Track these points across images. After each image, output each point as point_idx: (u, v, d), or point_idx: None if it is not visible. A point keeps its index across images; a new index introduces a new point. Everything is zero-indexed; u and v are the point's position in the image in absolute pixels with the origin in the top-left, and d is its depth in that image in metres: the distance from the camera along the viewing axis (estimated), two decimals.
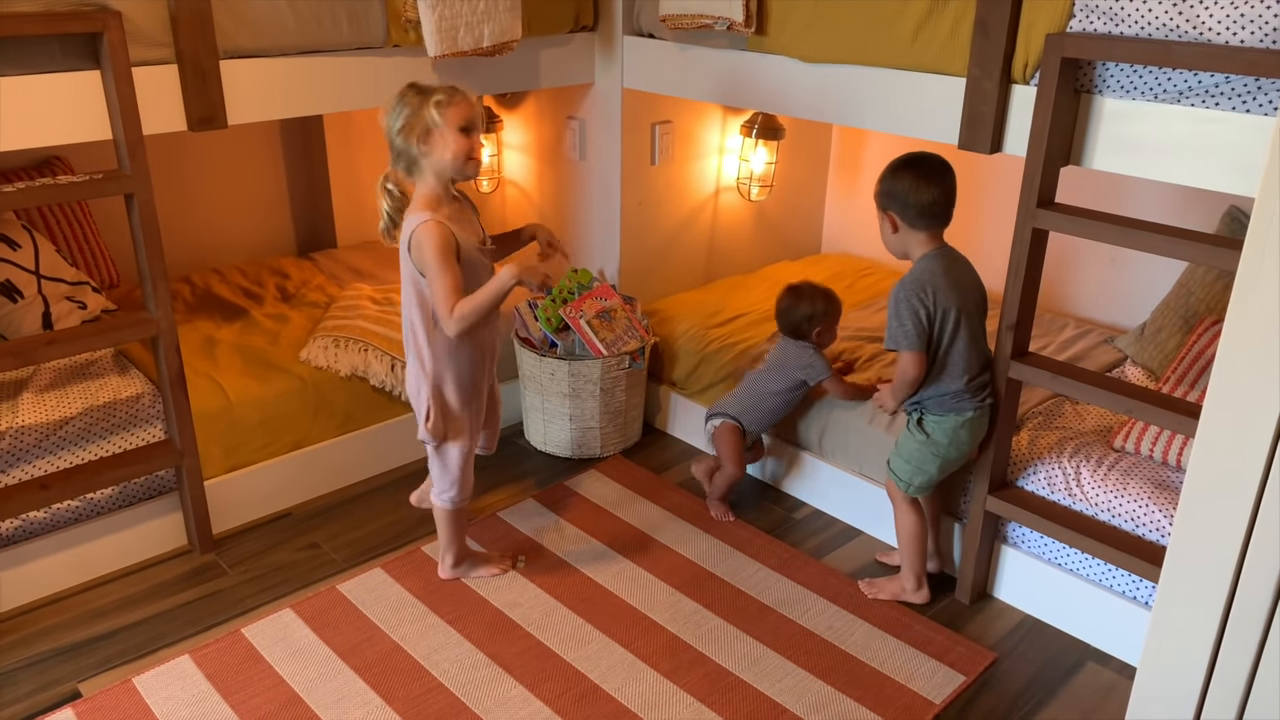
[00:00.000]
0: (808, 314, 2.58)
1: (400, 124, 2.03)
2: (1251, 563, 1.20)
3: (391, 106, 2.04)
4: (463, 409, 2.21)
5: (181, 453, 2.43)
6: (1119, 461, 2.28)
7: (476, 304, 2.04)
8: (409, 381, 2.24)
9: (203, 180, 3.39)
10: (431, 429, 2.20)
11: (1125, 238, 1.94)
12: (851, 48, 2.35)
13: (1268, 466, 1.15)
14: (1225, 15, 1.77)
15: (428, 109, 2.00)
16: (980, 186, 3.40)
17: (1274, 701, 1.23)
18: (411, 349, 2.18)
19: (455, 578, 2.43)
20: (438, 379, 2.17)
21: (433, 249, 2.01)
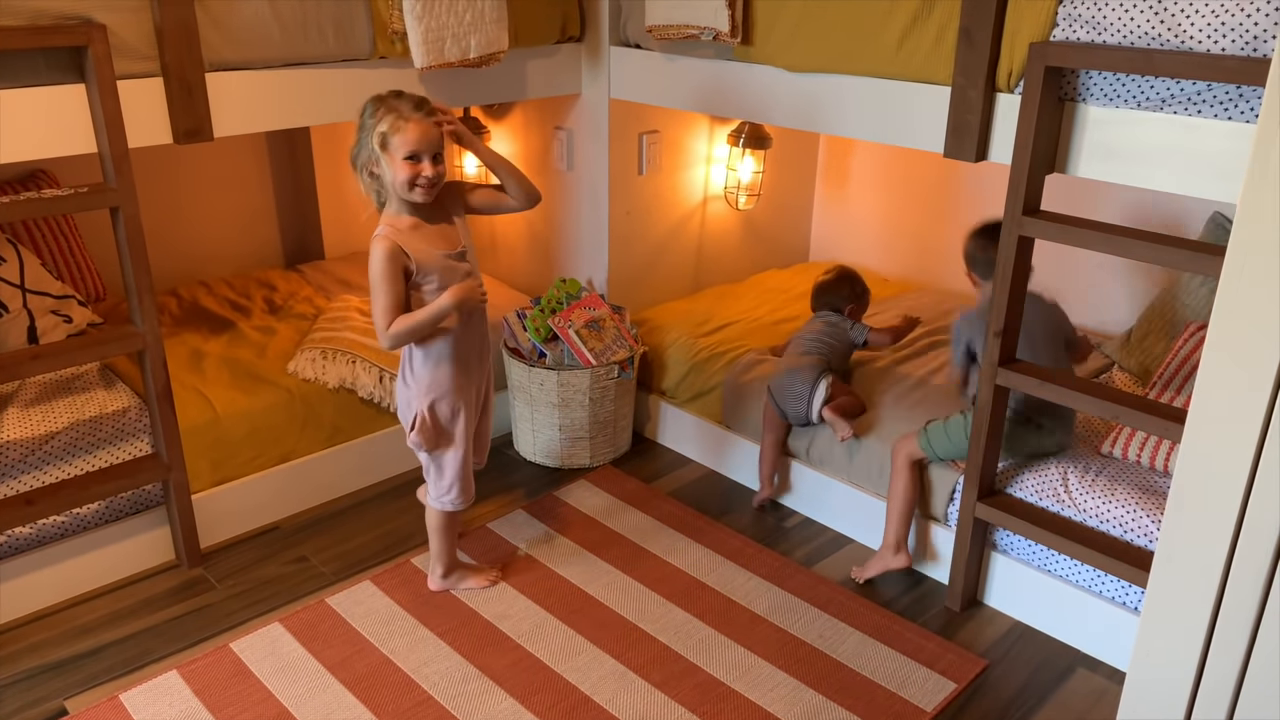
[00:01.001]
0: (847, 293, 2.86)
1: (354, 154, 2.05)
2: (1238, 566, 1.20)
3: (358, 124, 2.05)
4: (451, 419, 2.21)
5: (168, 467, 2.42)
6: (1106, 467, 2.29)
7: (412, 324, 2.05)
8: (398, 393, 2.24)
9: (190, 192, 3.38)
10: (420, 436, 2.19)
11: (1110, 245, 1.95)
12: (837, 57, 2.36)
13: (1253, 470, 1.15)
14: (1206, 24, 1.78)
15: (372, 142, 2.00)
16: (968, 194, 3.42)
17: (1263, 704, 1.23)
18: (403, 359, 2.20)
19: (445, 589, 2.42)
20: (422, 390, 2.17)
21: (375, 264, 2.03)
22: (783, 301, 3.41)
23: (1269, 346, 1.09)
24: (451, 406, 2.20)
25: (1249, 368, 1.11)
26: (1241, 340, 1.11)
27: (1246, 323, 1.10)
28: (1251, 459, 1.14)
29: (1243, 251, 1.08)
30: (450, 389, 2.18)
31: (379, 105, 2.02)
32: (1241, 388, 1.12)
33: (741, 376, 2.91)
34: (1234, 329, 1.12)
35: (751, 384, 2.87)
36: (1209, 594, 1.23)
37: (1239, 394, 1.13)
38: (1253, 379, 1.11)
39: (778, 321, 3.23)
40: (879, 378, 2.80)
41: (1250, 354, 1.11)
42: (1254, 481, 1.15)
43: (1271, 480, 1.14)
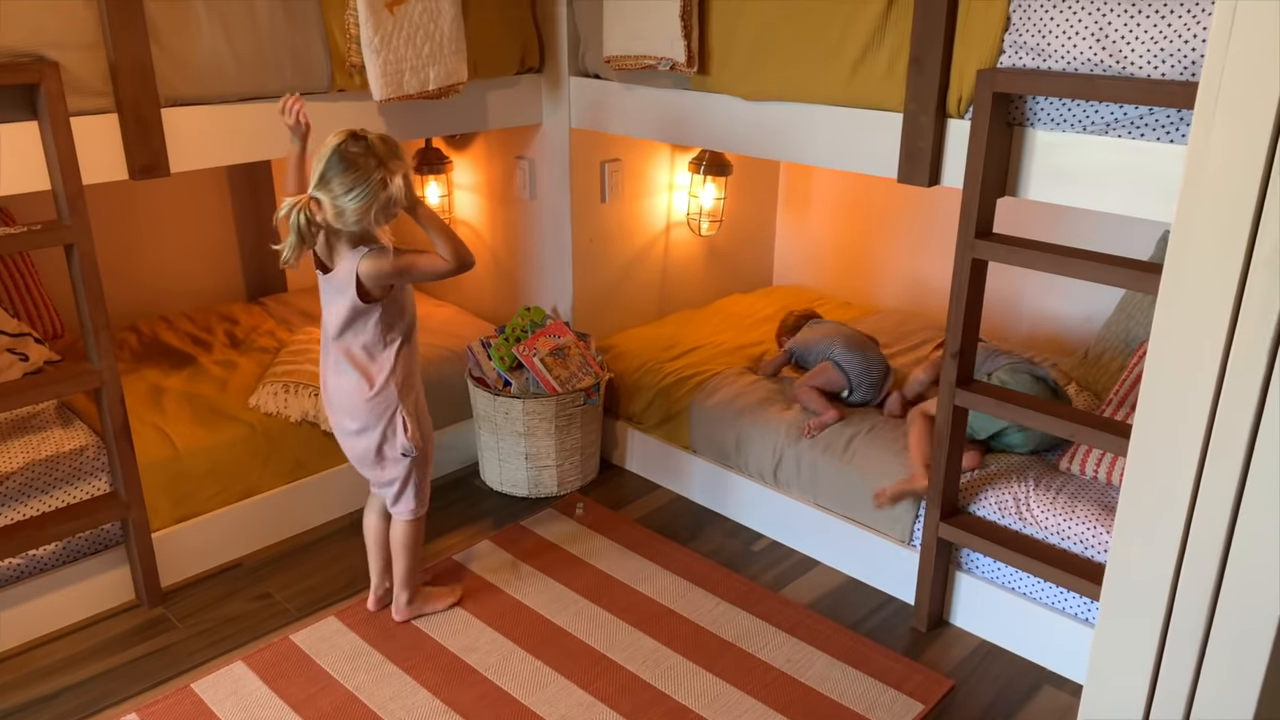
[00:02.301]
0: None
1: (361, 204, 1.94)
2: (1186, 578, 1.22)
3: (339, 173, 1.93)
4: (423, 414, 2.26)
5: (127, 505, 2.39)
6: (1066, 484, 2.32)
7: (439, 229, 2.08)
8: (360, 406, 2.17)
9: (150, 226, 3.36)
10: (413, 438, 2.20)
11: (1061, 266, 1.99)
12: (791, 86, 2.39)
13: (1196, 484, 1.17)
14: (1146, 50, 1.83)
15: (393, 187, 1.96)
16: (924, 218, 3.46)
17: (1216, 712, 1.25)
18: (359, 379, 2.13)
19: (411, 617, 2.40)
20: (404, 389, 2.18)
21: (392, 257, 2.04)
22: (747, 325, 3.43)
23: (1207, 361, 1.11)
24: (422, 401, 2.25)
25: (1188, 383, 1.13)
26: (1180, 354, 1.13)
27: (1183, 337, 1.12)
28: (1194, 474, 1.16)
29: (1177, 271, 1.11)
30: (418, 383, 2.23)
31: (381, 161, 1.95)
32: (1181, 402, 1.15)
33: (707, 400, 2.92)
34: (1172, 343, 1.14)
35: (717, 408, 2.89)
36: (1159, 606, 1.25)
37: (1179, 408, 1.15)
38: (1192, 393, 1.13)
39: (743, 345, 3.25)
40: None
41: (1189, 367, 1.13)
42: (1197, 495, 1.17)
43: (1214, 493, 1.16)
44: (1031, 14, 1.96)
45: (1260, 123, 1.02)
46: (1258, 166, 1.03)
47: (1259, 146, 1.02)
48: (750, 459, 2.81)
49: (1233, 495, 1.14)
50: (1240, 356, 1.08)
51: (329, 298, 2.12)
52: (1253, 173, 1.03)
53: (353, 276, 2.04)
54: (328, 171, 1.95)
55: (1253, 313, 1.06)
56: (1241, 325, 1.08)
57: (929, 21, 2.07)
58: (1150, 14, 1.82)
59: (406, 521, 2.32)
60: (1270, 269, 1.03)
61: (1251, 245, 1.04)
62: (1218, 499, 1.16)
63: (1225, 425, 1.12)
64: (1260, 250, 1.04)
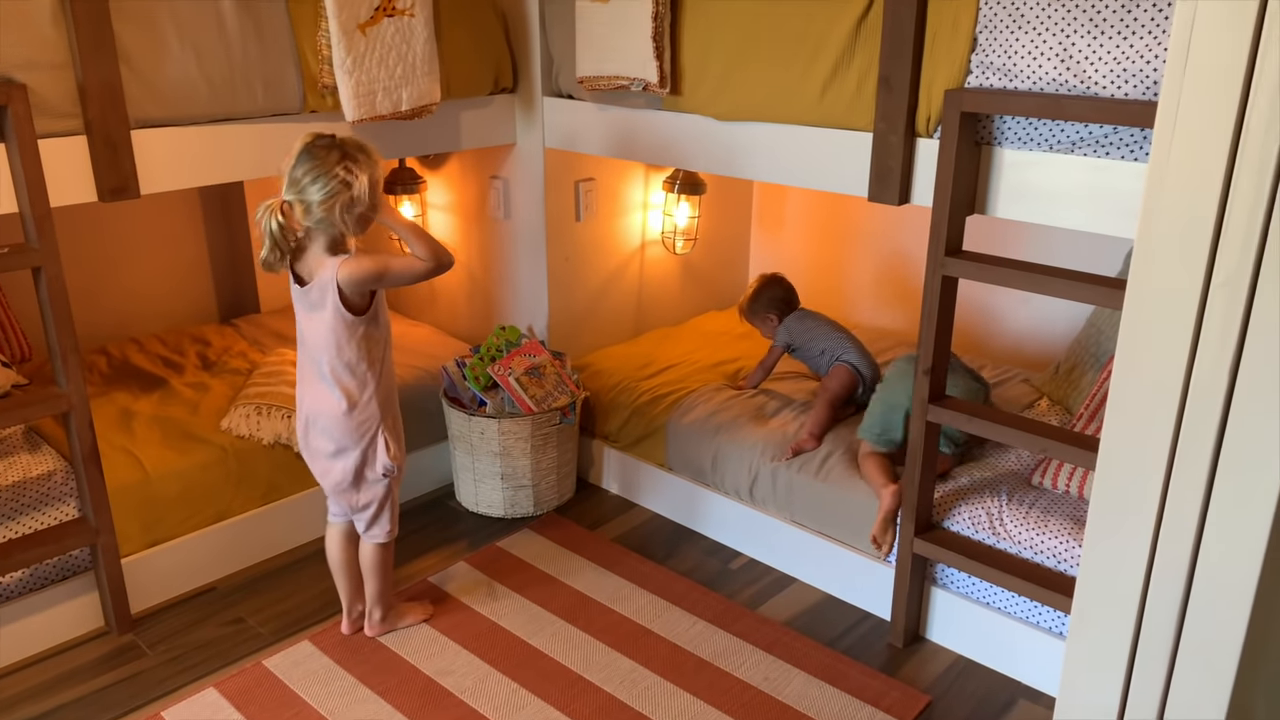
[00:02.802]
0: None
1: (324, 195, 1.96)
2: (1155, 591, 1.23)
3: (305, 166, 1.96)
4: (400, 434, 2.26)
5: (96, 530, 2.35)
6: (1039, 499, 2.34)
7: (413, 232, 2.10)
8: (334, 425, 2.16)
9: (121, 247, 3.33)
10: (395, 457, 2.20)
11: (1029, 282, 2.01)
12: (763, 106, 2.41)
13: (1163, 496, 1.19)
14: (1109, 70, 1.86)
15: (357, 186, 1.98)
16: (896, 236, 3.49)
17: None
18: (340, 398, 2.12)
19: (384, 633, 2.38)
20: (385, 406, 2.17)
21: (370, 259, 2.05)
22: (723, 343, 3.44)
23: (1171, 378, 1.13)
24: (398, 426, 2.25)
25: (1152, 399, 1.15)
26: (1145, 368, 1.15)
27: (1147, 357, 1.14)
28: (1160, 488, 1.18)
29: (1140, 290, 1.12)
30: (395, 399, 2.23)
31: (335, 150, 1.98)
32: (1146, 417, 1.16)
33: (683, 418, 2.93)
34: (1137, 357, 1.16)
35: (693, 425, 2.89)
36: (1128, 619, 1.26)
37: (1145, 424, 1.17)
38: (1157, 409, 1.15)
39: (718, 363, 3.26)
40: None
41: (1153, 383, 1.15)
42: (1164, 509, 1.19)
43: (1181, 507, 1.17)
44: (997, 35, 1.99)
45: (1217, 144, 1.04)
46: (1215, 187, 1.04)
47: (1216, 168, 1.04)
48: (726, 476, 2.82)
49: (1198, 509, 1.16)
50: (1202, 374, 1.10)
51: (307, 311, 2.11)
52: (1211, 194, 1.05)
53: (332, 285, 2.04)
54: (295, 168, 1.99)
55: (1213, 331, 1.08)
56: (1203, 343, 1.09)
57: (897, 42, 2.09)
58: (1113, 35, 1.85)
59: (379, 545, 2.30)
60: (1229, 289, 1.05)
61: (1211, 265, 1.06)
62: (1184, 513, 1.17)
63: (1190, 440, 1.14)
64: (1219, 271, 1.06)
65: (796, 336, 3.00)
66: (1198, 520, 1.16)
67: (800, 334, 2.99)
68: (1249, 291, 1.04)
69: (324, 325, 2.08)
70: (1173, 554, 1.19)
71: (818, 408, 2.78)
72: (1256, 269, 1.04)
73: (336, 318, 2.07)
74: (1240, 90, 1.01)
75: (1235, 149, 1.03)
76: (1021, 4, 1.95)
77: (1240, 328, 1.06)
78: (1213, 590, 1.17)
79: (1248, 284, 1.04)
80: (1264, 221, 1.02)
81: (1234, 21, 1.00)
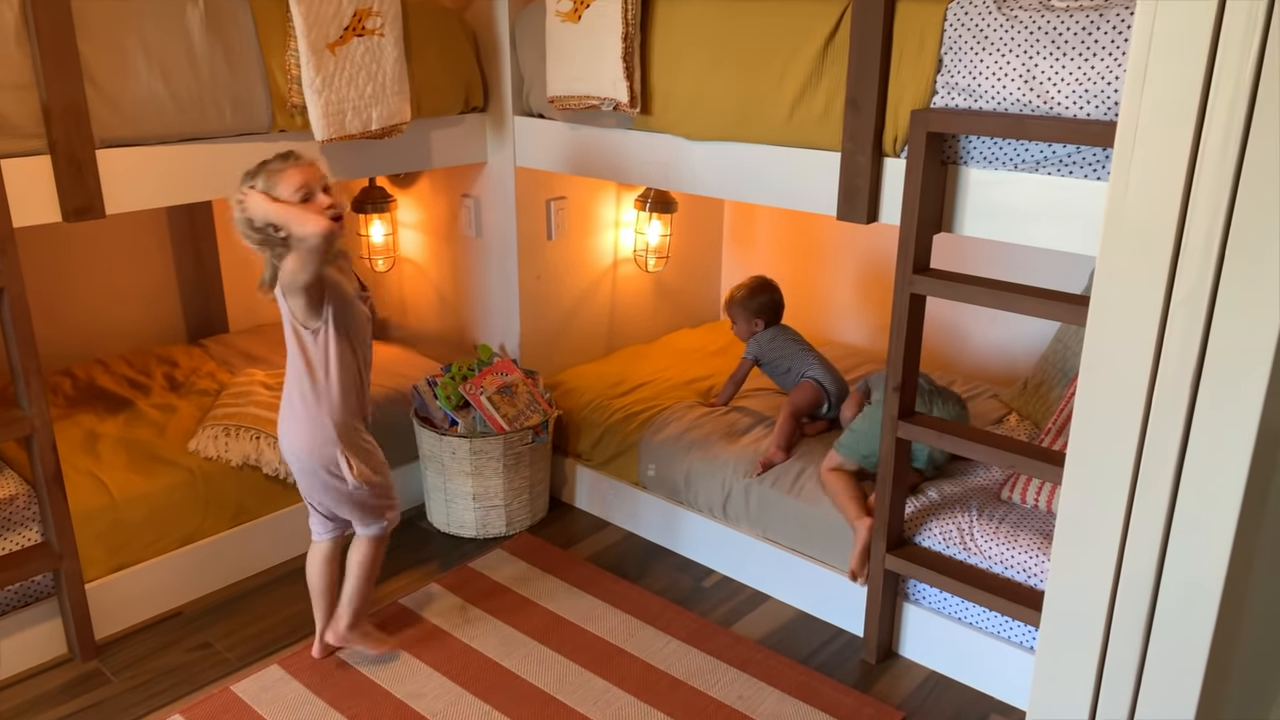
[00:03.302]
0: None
1: (243, 214, 2.02)
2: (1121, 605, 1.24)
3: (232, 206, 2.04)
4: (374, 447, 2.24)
5: (60, 556, 2.31)
6: (1009, 514, 2.36)
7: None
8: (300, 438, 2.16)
9: (86, 267, 3.29)
10: (359, 474, 2.17)
11: (996, 300, 2.04)
12: (732, 126, 2.43)
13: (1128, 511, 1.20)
14: (1071, 91, 1.89)
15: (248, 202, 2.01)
16: (865, 254, 3.52)
17: None
18: (301, 415, 2.13)
19: (346, 644, 2.36)
20: (341, 430, 2.15)
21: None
22: (695, 360, 3.45)
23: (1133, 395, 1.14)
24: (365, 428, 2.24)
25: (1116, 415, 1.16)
26: (1107, 390, 1.16)
27: (1110, 374, 1.15)
28: (1125, 503, 1.19)
29: (1102, 309, 1.14)
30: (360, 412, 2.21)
31: (251, 174, 2.04)
32: (1110, 433, 1.18)
33: (656, 436, 2.93)
34: (1099, 380, 1.17)
35: (667, 443, 2.89)
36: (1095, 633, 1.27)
37: (1109, 440, 1.18)
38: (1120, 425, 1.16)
39: (691, 380, 3.26)
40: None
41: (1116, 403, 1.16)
42: (1129, 524, 1.20)
43: (1145, 522, 1.19)
44: (962, 56, 2.02)
45: (1175, 163, 1.06)
46: (1174, 206, 1.06)
47: (1174, 187, 1.06)
48: (700, 494, 2.82)
49: (1163, 521, 1.17)
50: (1164, 390, 1.12)
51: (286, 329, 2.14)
52: (1169, 212, 1.07)
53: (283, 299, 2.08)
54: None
55: (1174, 347, 1.09)
56: (1164, 359, 1.11)
57: (864, 63, 2.12)
58: (1074, 56, 1.88)
59: (373, 538, 2.29)
60: (1189, 307, 1.07)
61: (1171, 283, 1.08)
62: (1149, 526, 1.18)
63: (1153, 454, 1.15)
64: (1179, 289, 1.07)
65: (766, 352, 3.01)
66: (1162, 533, 1.17)
67: (770, 350, 3.01)
68: (1208, 308, 1.06)
69: (288, 332, 2.13)
70: (1138, 567, 1.20)
71: (781, 421, 2.80)
72: (1215, 286, 1.05)
73: (290, 324, 2.10)
74: (1197, 110, 1.03)
75: (1193, 168, 1.05)
76: (985, 26, 1.98)
77: (1200, 344, 1.07)
78: (1178, 602, 1.18)
79: (1207, 301, 1.06)
80: (1221, 239, 1.04)
81: (1189, 43, 1.02)
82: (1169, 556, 1.18)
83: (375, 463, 2.24)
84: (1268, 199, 1.00)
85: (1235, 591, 1.19)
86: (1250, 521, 1.16)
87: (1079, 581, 1.27)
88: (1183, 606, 1.18)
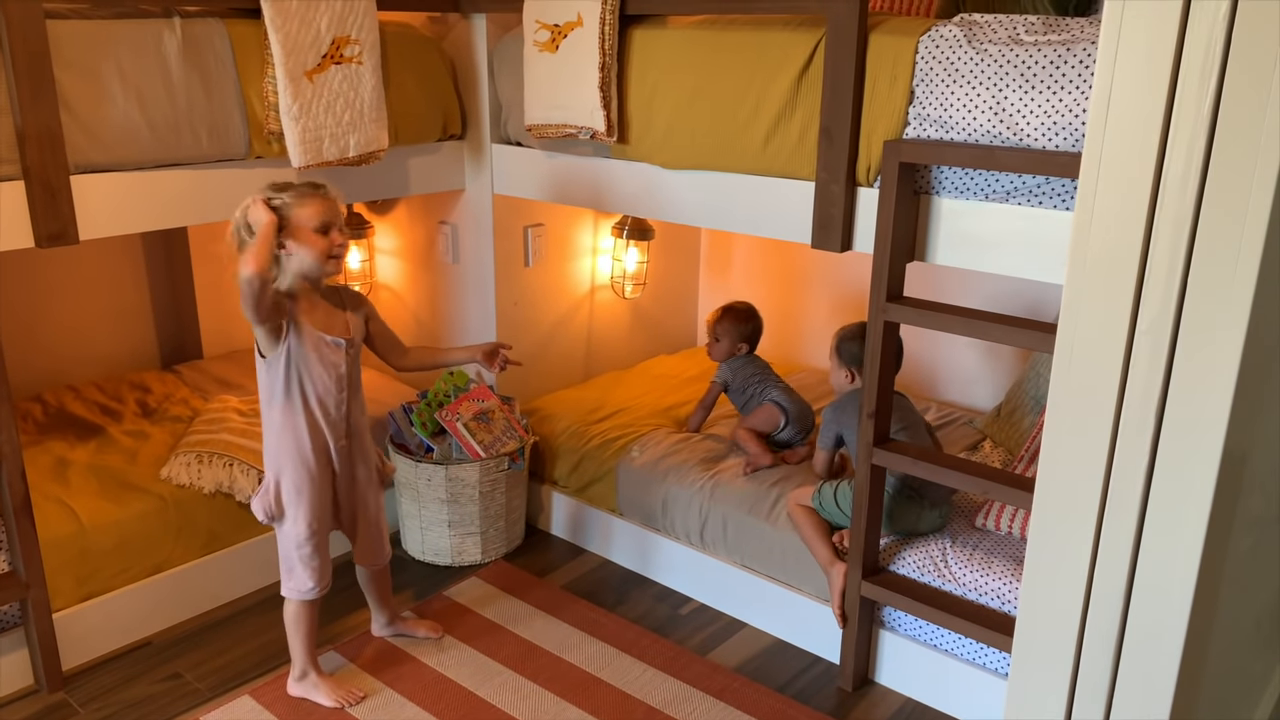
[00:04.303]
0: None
1: (243, 215, 2.03)
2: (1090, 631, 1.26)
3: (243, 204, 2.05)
4: (296, 492, 2.18)
5: (27, 585, 2.28)
6: (983, 540, 2.37)
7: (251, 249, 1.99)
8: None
9: (58, 292, 3.26)
10: (260, 501, 2.18)
11: (968, 328, 2.06)
12: (708, 155, 2.45)
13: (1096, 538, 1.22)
14: (1040, 123, 1.93)
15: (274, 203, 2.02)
16: (840, 281, 3.56)
17: None
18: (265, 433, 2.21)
19: (303, 696, 2.32)
20: (273, 453, 2.18)
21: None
22: (672, 386, 3.46)
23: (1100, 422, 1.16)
24: (297, 477, 2.18)
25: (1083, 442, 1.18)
26: (1075, 418, 1.18)
27: (1077, 402, 1.17)
28: (1093, 530, 1.20)
29: (1069, 338, 1.16)
30: (300, 457, 2.16)
31: (278, 187, 2.05)
32: (1078, 460, 1.19)
33: (633, 463, 2.93)
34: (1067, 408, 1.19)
35: (643, 469, 2.89)
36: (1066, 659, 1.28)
37: (1077, 466, 1.20)
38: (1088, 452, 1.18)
39: (668, 407, 3.27)
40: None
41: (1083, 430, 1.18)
42: (1098, 550, 1.21)
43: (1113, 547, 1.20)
44: (934, 88, 2.05)
45: (1139, 194, 1.08)
46: (1137, 238, 1.09)
47: (1137, 219, 1.08)
48: (676, 521, 2.81)
49: (1130, 547, 1.19)
50: (1130, 417, 1.14)
51: None
52: (1133, 243, 1.09)
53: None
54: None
55: (1139, 376, 1.11)
56: (1130, 387, 1.13)
57: (837, 95, 2.15)
58: (1042, 89, 1.92)
59: (286, 599, 2.28)
60: (1153, 336, 1.09)
61: (1135, 313, 1.10)
62: (1117, 551, 1.20)
63: (1120, 480, 1.17)
64: (1144, 317, 1.10)
65: (736, 377, 3.03)
66: (1130, 560, 1.19)
67: (738, 376, 3.03)
68: (1171, 337, 1.08)
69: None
70: (1107, 591, 1.22)
71: (744, 438, 2.87)
72: (1178, 313, 1.08)
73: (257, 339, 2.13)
74: (1158, 143, 1.06)
75: (1155, 198, 1.07)
76: (956, 59, 2.02)
77: (1164, 372, 1.10)
78: (1147, 626, 1.20)
79: (1170, 330, 1.08)
80: (1184, 267, 1.06)
81: (1150, 77, 1.05)
82: (1137, 579, 1.20)
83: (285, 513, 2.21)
84: (1228, 228, 1.03)
85: (1203, 613, 1.20)
86: (1217, 543, 1.18)
87: (1050, 605, 1.28)
88: (1152, 628, 1.19)
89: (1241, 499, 1.28)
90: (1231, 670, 1.68)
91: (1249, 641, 1.79)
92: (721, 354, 3.10)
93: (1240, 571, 1.47)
